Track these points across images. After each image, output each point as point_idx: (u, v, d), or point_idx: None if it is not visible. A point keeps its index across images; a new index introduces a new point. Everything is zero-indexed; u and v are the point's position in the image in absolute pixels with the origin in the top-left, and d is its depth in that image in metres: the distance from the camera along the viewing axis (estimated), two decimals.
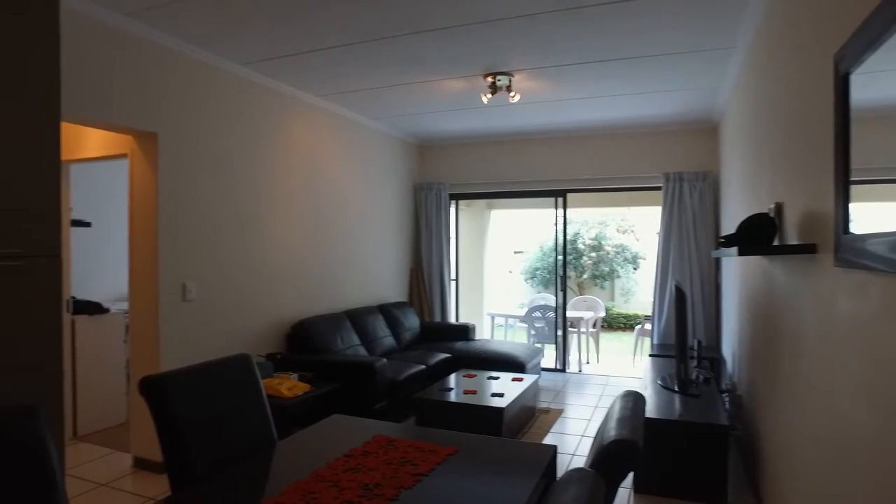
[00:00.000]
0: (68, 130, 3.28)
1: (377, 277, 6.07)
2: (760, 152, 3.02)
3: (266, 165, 4.41)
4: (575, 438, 4.25)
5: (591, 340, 7.63)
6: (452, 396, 4.10)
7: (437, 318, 6.72)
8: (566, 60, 3.95)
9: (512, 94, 4.38)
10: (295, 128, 4.75)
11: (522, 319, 7.82)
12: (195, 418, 1.76)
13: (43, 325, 2.30)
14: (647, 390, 3.71)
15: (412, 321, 6.03)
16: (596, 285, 11.41)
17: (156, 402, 1.69)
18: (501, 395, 4.07)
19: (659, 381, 3.87)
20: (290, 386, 3.67)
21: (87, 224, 4.84)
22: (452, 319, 6.93)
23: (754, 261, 3.14)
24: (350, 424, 2.21)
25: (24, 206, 2.23)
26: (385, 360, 4.38)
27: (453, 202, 7.04)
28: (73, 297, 4.27)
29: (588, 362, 7.25)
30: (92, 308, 4.37)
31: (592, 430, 4.40)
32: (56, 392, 2.34)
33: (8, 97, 2.20)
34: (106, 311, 4.47)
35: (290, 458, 1.93)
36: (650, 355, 5.31)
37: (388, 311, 5.76)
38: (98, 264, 5.19)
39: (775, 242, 2.32)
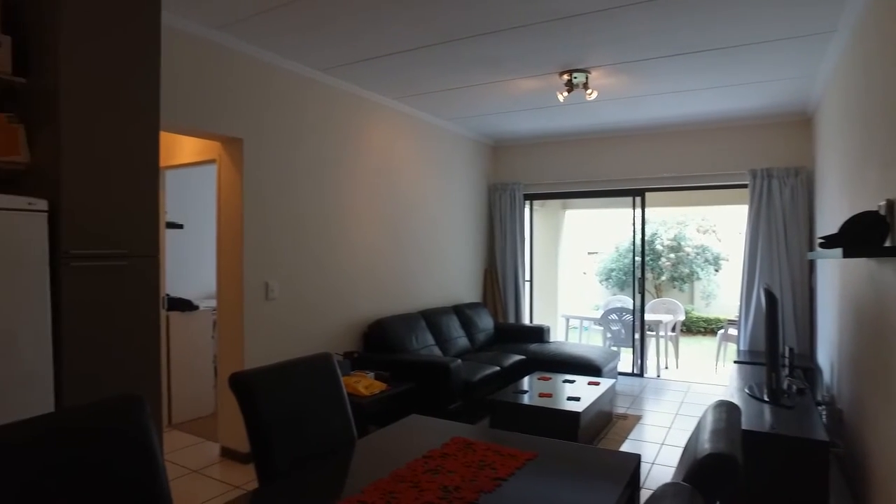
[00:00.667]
0: (164, 138, 3.50)
1: (451, 278, 6.09)
2: (867, 144, 2.78)
3: (344, 168, 4.52)
4: (654, 446, 4.09)
5: (670, 345, 7.33)
6: (527, 399, 4.04)
7: (511, 320, 6.67)
8: (648, 54, 3.80)
9: (589, 91, 4.27)
10: (372, 130, 4.84)
11: (598, 322, 7.62)
12: (279, 414, 1.82)
13: (144, 320, 2.46)
14: (734, 400, 3.51)
15: (486, 322, 6.01)
16: (674, 287, 10.96)
17: (244, 397, 1.76)
18: (577, 399, 3.97)
19: (746, 390, 3.65)
20: (367, 384, 3.74)
21: (180, 226, 5.15)
22: (526, 321, 6.86)
23: (859, 263, 2.89)
24: (427, 425, 2.22)
25: (129, 210, 2.40)
26: (459, 360, 4.39)
27: (527, 202, 6.96)
28: (168, 295, 4.55)
29: (667, 367, 6.97)
30: (184, 305, 4.64)
31: (673, 439, 4.22)
32: (155, 382, 2.50)
33: (115, 109, 2.37)
34: (196, 308, 4.73)
35: (370, 456, 1.96)
36: (735, 362, 5.03)
37: (462, 312, 5.77)
38: (189, 264, 5.51)
39: (887, 243, 2.12)
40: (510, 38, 3.55)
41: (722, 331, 7.15)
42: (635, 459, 1.84)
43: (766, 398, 3.39)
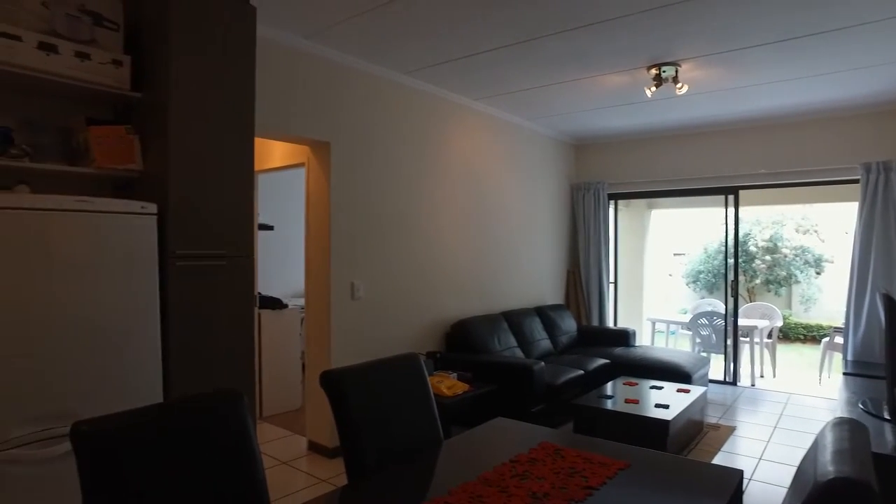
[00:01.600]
0: (256, 144, 3.67)
1: (534, 279, 6.01)
2: None
3: (427, 169, 4.57)
4: (750, 461, 3.83)
5: (766, 352, 6.87)
6: (612, 404, 3.92)
7: (595, 322, 6.49)
8: (743, 43, 3.58)
9: (679, 85, 4.08)
10: (454, 132, 4.86)
11: (686, 326, 7.28)
12: (368, 412, 1.85)
13: (240, 317, 2.59)
14: (847, 415, 3.22)
15: (569, 324, 5.89)
16: (769, 291, 10.27)
17: (334, 395, 1.80)
18: (666, 406, 3.80)
19: (861, 406, 3.35)
20: (449, 385, 3.75)
21: (271, 227, 5.40)
22: (610, 324, 6.66)
23: None
24: (514, 428, 2.19)
25: (227, 212, 2.53)
26: (542, 363, 4.31)
27: (611, 202, 6.76)
28: (259, 293, 4.78)
29: (762, 376, 6.54)
30: (273, 303, 4.85)
31: (773, 454, 3.94)
32: (249, 376, 2.62)
33: (215, 119, 2.51)
34: (285, 306, 4.94)
35: (456, 458, 1.95)
36: (844, 373, 4.63)
37: (544, 314, 5.68)
38: (278, 264, 5.77)
39: None
40: (596, 33, 3.45)
41: (826, 339, 6.62)
42: (737, 475, 1.73)
43: (886, 416, 3.10)
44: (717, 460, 3.81)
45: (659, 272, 10.31)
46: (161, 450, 1.36)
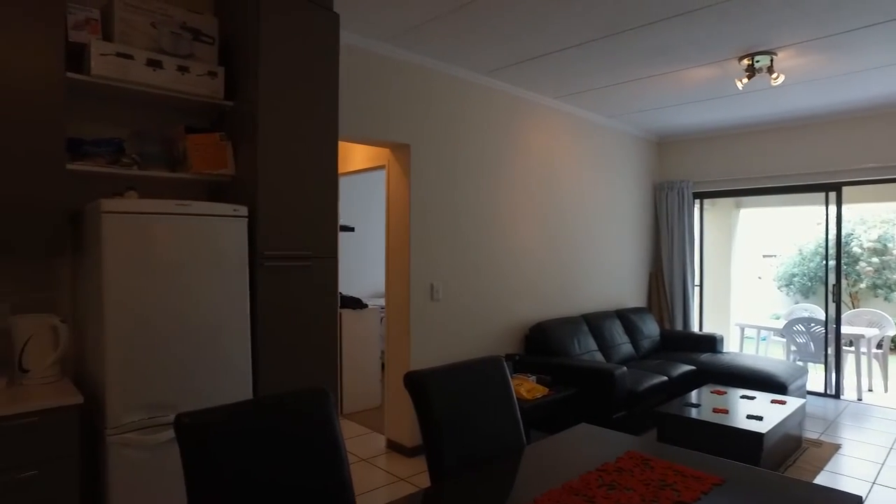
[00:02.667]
0: (339, 147, 3.79)
1: (614, 281, 5.84)
2: None
3: (505, 170, 4.54)
4: (861, 484, 3.51)
5: (876, 364, 6.32)
6: (699, 413, 3.72)
7: (679, 327, 6.22)
8: (850, 25, 3.30)
9: (774, 75, 3.83)
10: (532, 131, 4.81)
11: (780, 333, 6.82)
12: (451, 414, 1.85)
13: (324, 316, 2.67)
14: None
15: (651, 328, 5.67)
16: (877, 296, 9.44)
17: (418, 396, 1.81)
18: (760, 418, 3.57)
19: None
20: (528, 388, 3.71)
21: (351, 229, 5.54)
22: (695, 328, 6.35)
23: None
24: (598, 435, 2.12)
25: (312, 215, 2.61)
26: (624, 368, 4.17)
27: (697, 201, 6.45)
28: (340, 293, 4.92)
29: (871, 390, 6.01)
30: (354, 303, 4.98)
31: (890, 479, 3.59)
32: (332, 374, 2.70)
33: (300, 124, 2.60)
34: (365, 306, 5.06)
35: (539, 464, 1.91)
36: None
37: (625, 317, 5.50)
38: (358, 264, 5.91)
39: None
40: (682, 25, 3.30)
41: None
42: (855, 502, 1.58)
43: None
44: (820, 480, 3.53)
45: (747, 275, 9.74)
46: (253, 443, 1.42)
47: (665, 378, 4.51)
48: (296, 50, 2.59)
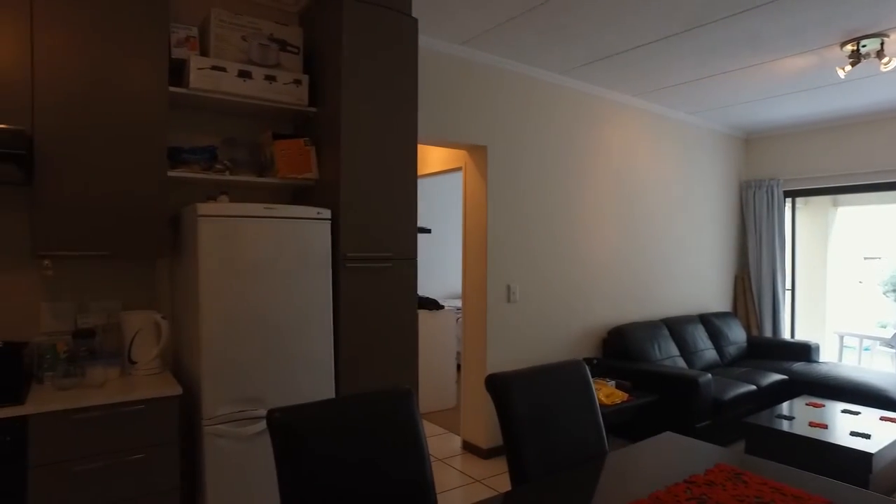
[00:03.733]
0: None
1: (697, 284, 5.59)
2: None
3: (583, 170, 4.45)
4: None
5: None
6: (794, 427, 3.48)
7: (767, 333, 5.87)
8: None
9: (885, 59, 3.52)
10: (610, 130, 4.69)
11: (888, 343, 6.29)
12: (532, 417, 1.83)
13: (403, 317, 2.71)
14: None
15: (737, 334, 5.38)
16: None
17: (499, 399, 1.80)
18: (867, 436, 3.29)
19: None
20: (607, 393, 3.61)
21: (428, 231, 5.61)
22: (786, 335, 5.97)
23: None
24: (684, 445, 2.03)
25: (392, 217, 2.67)
26: (709, 375, 3.98)
27: (788, 200, 6.06)
28: (417, 294, 4.99)
29: None
30: (430, 304, 5.03)
31: None
32: (412, 374, 2.74)
33: (381, 128, 2.65)
34: (441, 307, 5.10)
35: (623, 472, 1.86)
36: None
37: (709, 322, 5.26)
38: (434, 266, 5.97)
39: None
40: (773, 13, 3.11)
41: None
42: None
43: None
44: None
45: (846, 279, 9.03)
46: (340, 439, 1.46)
47: (753, 387, 4.27)
48: (376, 55, 2.66)
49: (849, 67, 3.62)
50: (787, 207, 6.05)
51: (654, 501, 1.57)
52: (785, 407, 3.88)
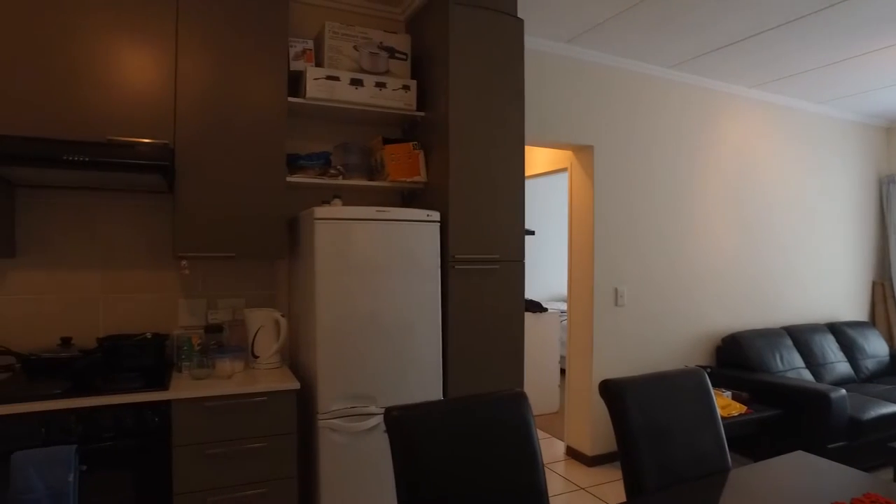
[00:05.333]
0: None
1: (825, 290, 5.10)
2: None
3: (692, 168, 4.21)
4: None
5: None
6: None
7: None
8: None
9: None
10: (722, 125, 4.40)
11: None
12: (648, 426, 1.75)
13: (510, 319, 2.70)
14: None
15: (876, 346, 4.84)
16: None
17: (615, 405, 1.74)
18: None
19: None
20: (723, 404, 3.39)
21: (532, 232, 5.56)
22: None
23: None
24: (821, 468, 1.85)
25: (500, 219, 2.66)
26: (843, 390, 3.62)
27: None
28: None
29: None
30: (534, 306, 4.98)
31: None
32: (518, 376, 2.71)
33: (488, 131, 2.66)
34: (545, 310, 5.03)
35: (750, 492, 1.72)
36: None
37: (840, 332, 4.78)
38: (538, 268, 5.90)
39: None
40: None
41: None
42: None
43: None
44: None
45: None
46: (454, 439, 1.47)
47: None
48: (483, 58, 2.66)
49: None
50: None
51: None
52: None
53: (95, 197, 2.54)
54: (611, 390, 1.73)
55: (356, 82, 2.67)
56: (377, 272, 2.41)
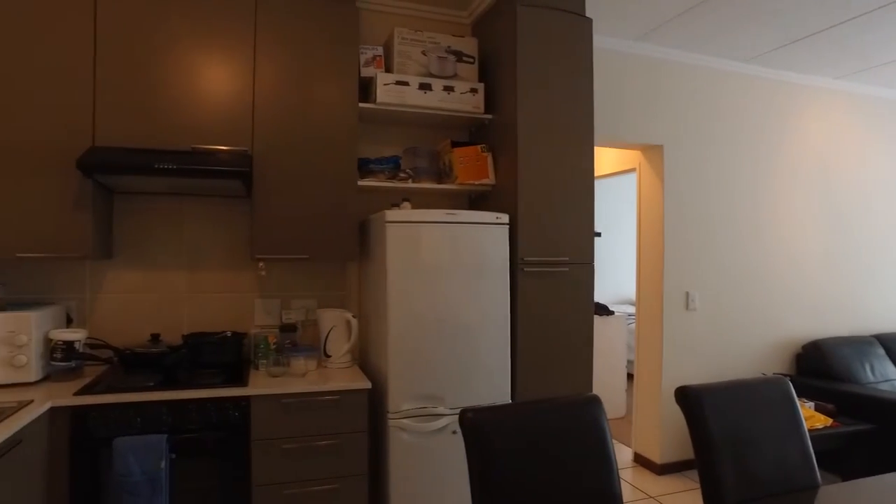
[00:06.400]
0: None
1: None
2: None
3: (769, 166, 4.02)
4: None
5: None
6: None
7: None
8: None
9: None
10: (803, 120, 4.17)
11: None
12: (729, 436, 1.69)
13: (579, 322, 2.67)
14: None
15: None
16: None
17: (692, 412, 1.69)
18: None
19: None
20: (806, 416, 3.21)
21: (598, 234, 5.46)
22: None
23: None
24: None
25: (569, 221, 2.64)
26: None
27: None
28: None
29: None
30: (600, 309, 4.88)
31: None
32: (587, 380, 2.68)
33: (557, 132, 2.64)
34: (611, 313, 4.92)
35: None
36: None
37: None
38: (604, 270, 5.78)
39: None
40: None
41: None
42: None
43: None
44: None
45: None
46: (528, 442, 1.47)
47: None
48: (551, 59, 2.64)
49: None
50: None
51: None
52: None
53: (182, 202, 2.70)
54: (688, 397, 1.68)
55: (425, 87, 2.71)
56: (447, 274, 2.44)
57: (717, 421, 1.67)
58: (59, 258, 2.27)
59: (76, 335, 2.27)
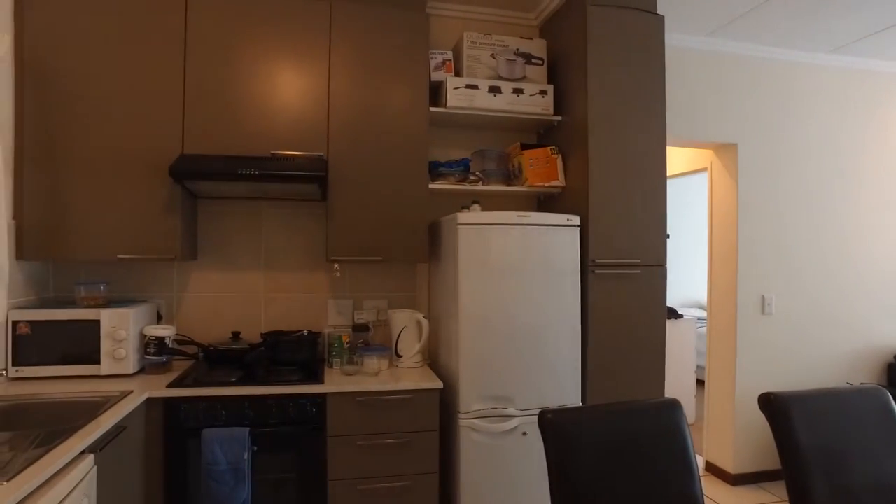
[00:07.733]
0: None
1: None
2: None
3: (857, 163, 3.80)
4: None
5: None
6: None
7: None
8: None
9: None
10: (891, 113, 3.92)
11: None
12: (820, 447, 1.61)
13: (651, 325, 2.63)
14: None
15: None
16: None
17: (778, 421, 1.62)
18: None
19: None
20: None
21: (667, 236, 5.32)
22: None
23: None
24: None
25: (641, 223, 2.60)
26: None
27: None
28: None
29: None
30: (670, 313, 4.75)
31: None
32: (660, 384, 2.62)
33: (629, 132, 2.61)
34: (680, 316, 4.78)
35: None
36: None
37: None
38: (673, 272, 5.61)
39: None
40: None
41: None
42: None
43: None
44: None
45: None
46: (608, 445, 1.46)
47: None
48: (622, 58, 2.61)
49: None
50: None
51: None
52: None
53: (259, 206, 2.82)
54: (773, 405, 1.62)
55: (494, 90, 2.73)
56: (517, 276, 2.44)
57: (806, 431, 1.60)
58: (151, 259, 2.42)
59: (167, 331, 2.42)
